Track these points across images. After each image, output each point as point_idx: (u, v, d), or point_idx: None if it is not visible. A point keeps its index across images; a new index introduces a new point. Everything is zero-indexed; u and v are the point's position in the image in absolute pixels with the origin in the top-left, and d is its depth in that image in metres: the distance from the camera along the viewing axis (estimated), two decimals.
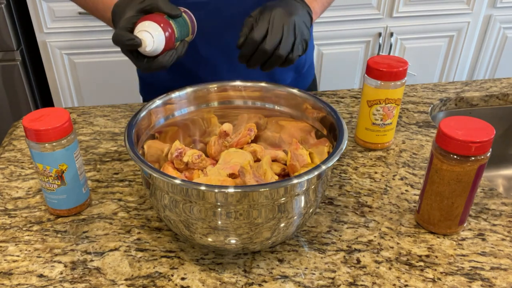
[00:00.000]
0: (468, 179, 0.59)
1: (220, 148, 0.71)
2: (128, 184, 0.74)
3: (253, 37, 0.70)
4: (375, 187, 0.74)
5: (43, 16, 1.75)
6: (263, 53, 0.70)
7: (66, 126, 0.62)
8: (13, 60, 1.78)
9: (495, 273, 0.59)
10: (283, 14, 0.72)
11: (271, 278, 0.58)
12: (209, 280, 0.58)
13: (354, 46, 1.98)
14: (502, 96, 1.01)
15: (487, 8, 2.01)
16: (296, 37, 0.72)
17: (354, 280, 0.58)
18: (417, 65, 2.05)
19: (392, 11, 1.93)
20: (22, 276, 0.58)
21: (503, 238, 0.64)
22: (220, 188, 0.51)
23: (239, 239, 0.56)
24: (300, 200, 0.55)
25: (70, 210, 0.67)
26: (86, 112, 0.95)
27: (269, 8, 0.73)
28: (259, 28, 0.70)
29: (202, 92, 0.72)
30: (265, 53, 0.70)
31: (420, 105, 0.96)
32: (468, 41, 2.06)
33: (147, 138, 0.66)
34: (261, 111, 0.73)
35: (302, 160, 0.66)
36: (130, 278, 0.58)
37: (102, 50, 1.85)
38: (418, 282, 0.58)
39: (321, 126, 0.67)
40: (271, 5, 0.74)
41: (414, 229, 0.66)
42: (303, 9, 0.77)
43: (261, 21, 0.71)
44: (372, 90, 0.77)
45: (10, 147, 0.84)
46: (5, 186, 0.74)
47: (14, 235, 0.65)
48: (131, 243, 0.63)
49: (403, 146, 0.84)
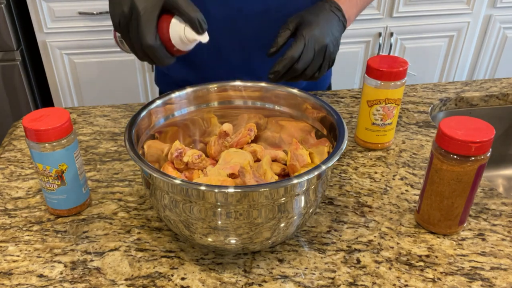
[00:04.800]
0: (468, 179, 0.59)
1: (220, 148, 0.71)
2: (128, 184, 0.74)
3: (293, 56, 0.73)
4: (375, 187, 0.74)
5: (43, 16, 1.75)
6: (293, 72, 0.74)
7: (66, 126, 0.62)
8: (13, 60, 1.78)
9: (495, 273, 0.59)
10: (319, 37, 0.74)
11: (271, 278, 0.58)
12: (209, 280, 0.58)
13: (354, 46, 1.98)
14: (502, 96, 1.01)
15: (487, 8, 2.01)
16: (325, 59, 0.76)
17: (354, 280, 0.58)
18: (417, 65, 2.05)
19: (392, 11, 1.93)
20: (22, 276, 0.58)
21: (503, 238, 0.64)
22: (220, 188, 0.51)
23: (239, 239, 0.56)
24: (300, 200, 0.56)
25: (70, 210, 0.67)
26: (86, 112, 0.95)
27: (307, 25, 0.75)
28: (297, 48, 0.73)
29: (202, 92, 0.72)
30: (295, 72, 0.74)
31: (420, 105, 0.96)
32: (468, 41, 2.06)
33: (147, 138, 0.66)
34: (261, 111, 0.73)
35: (302, 160, 0.66)
36: (130, 278, 0.58)
37: (102, 50, 1.85)
38: (418, 282, 0.58)
39: (321, 126, 0.67)
40: (309, 22, 0.75)
41: (414, 229, 0.66)
42: (339, 23, 0.79)
43: (299, 40, 0.74)
44: (372, 90, 0.77)
45: (10, 147, 0.84)
46: (5, 186, 0.74)
47: (14, 235, 0.65)
48: (131, 243, 0.63)
49: (403, 146, 0.84)
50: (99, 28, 1.80)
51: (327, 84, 1.09)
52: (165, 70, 1.00)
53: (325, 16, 0.77)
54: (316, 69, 0.76)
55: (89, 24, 1.79)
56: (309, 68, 0.75)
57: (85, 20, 1.78)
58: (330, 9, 0.78)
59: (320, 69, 0.76)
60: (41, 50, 1.82)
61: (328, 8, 0.79)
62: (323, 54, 0.75)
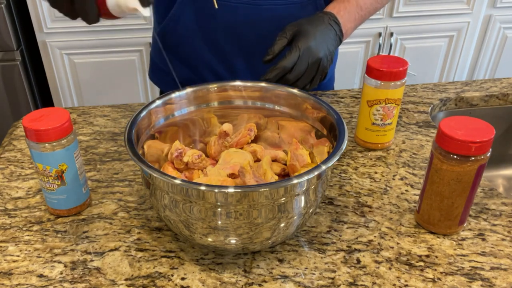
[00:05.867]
0: (468, 179, 0.59)
1: (220, 148, 0.71)
2: (128, 184, 0.74)
3: (285, 67, 0.74)
4: (375, 187, 0.74)
5: (43, 16, 1.75)
6: (284, 81, 0.75)
7: (66, 126, 0.62)
8: (13, 60, 1.78)
9: (495, 273, 0.59)
10: (314, 50, 0.75)
11: (271, 278, 0.58)
12: (209, 280, 0.58)
13: (354, 46, 1.98)
14: (502, 96, 1.01)
15: (487, 8, 2.01)
16: (318, 72, 0.77)
17: (354, 280, 0.58)
18: (417, 65, 2.05)
19: (392, 11, 1.93)
20: (22, 276, 0.58)
21: (503, 238, 0.64)
22: (220, 188, 0.51)
23: (239, 239, 0.56)
24: (300, 200, 0.56)
25: (70, 210, 0.67)
26: (86, 112, 0.95)
27: (304, 36, 0.75)
28: (290, 59, 0.74)
29: (202, 92, 0.72)
30: (287, 81, 0.75)
31: (420, 105, 0.96)
32: (468, 41, 2.06)
33: (147, 138, 0.66)
34: (261, 111, 0.73)
35: (302, 160, 0.66)
36: (130, 278, 0.58)
37: (102, 50, 1.85)
38: (418, 282, 0.58)
39: (321, 126, 0.67)
40: (306, 32, 0.76)
41: (414, 229, 0.66)
42: (335, 37, 0.80)
43: (293, 51, 0.75)
44: (372, 90, 0.77)
45: (10, 147, 0.84)
46: (5, 186, 0.74)
47: (14, 235, 0.65)
48: (131, 243, 0.63)
49: (403, 146, 0.84)
50: (99, 28, 1.80)
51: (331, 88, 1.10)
52: (172, 74, 1.01)
53: (323, 28, 0.77)
54: (307, 82, 0.77)
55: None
56: (300, 80, 0.76)
57: None
58: (328, 22, 0.79)
59: (312, 82, 0.77)
60: (41, 50, 1.82)
61: (327, 21, 0.79)
62: (316, 67, 0.76)
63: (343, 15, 0.82)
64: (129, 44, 1.85)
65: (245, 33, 0.88)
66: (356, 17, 0.85)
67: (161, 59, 1.01)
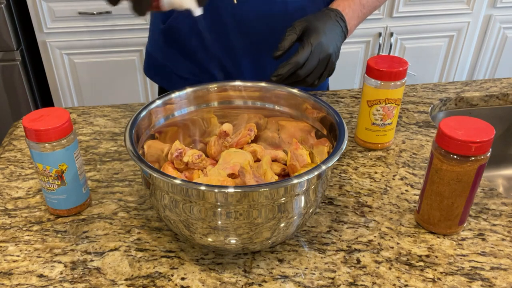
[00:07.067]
0: (468, 179, 0.59)
1: (220, 148, 0.71)
2: (128, 184, 0.74)
3: (298, 62, 0.74)
4: (375, 187, 0.74)
5: (43, 16, 1.75)
6: (295, 77, 0.75)
7: (66, 126, 0.62)
8: (13, 60, 1.78)
9: (495, 273, 0.59)
10: (324, 46, 0.76)
11: (271, 278, 0.58)
12: (209, 280, 0.58)
13: (354, 46, 1.98)
14: (502, 96, 1.01)
15: (487, 8, 2.01)
16: (326, 68, 0.78)
17: (354, 280, 0.58)
18: (417, 65, 2.05)
19: (392, 11, 1.93)
20: (22, 276, 0.58)
21: (503, 238, 0.64)
22: (220, 188, 0.51)
23: (239, 239, 0.56)
24: (300, 200, 0.56)
25: (70, 210, 0.67)
26: (86, 112, 0.95)
27: (314, 32, 0.76)
28: (303, 55, 0.74)
29: (202, 92, 0.72)
30: (297, 77, 0.75)
31: (420, 105, 0.96)
32: (468, 41, 2.06)
33: (147, 138, 0.66)
34: (261, 111, 0.73)
35: (302, 160, 0.66)
36: (130, 278, 0.58)
37: (102, 50, 1.85)
38: (418, 282, 0.58)
39: (321, 126, 0.67)
40: (316, 28, 0.76)
41: (414, 229, 0.66)
42: (342, 33, 0.81)
43: (306, 46, 0.75)
44: (372, 90, 0.77)
45: (10, 147, 0.84)
46: (5, 186, 0.74)
47: (14, 235, 0.65)
48: (131, 243, 0.63)
49: (403, 146, 0.84)
50: (99, 28, 1.80)
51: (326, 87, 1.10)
52: (173, 68, 1.00)
53: (331, 25, 0.78)
54: (316, 77, 0.77)
55: (89, 24, 1.79)
56: (310, 76, 0.76)
57: (85, 20, 1.78)
58: (335, 19, 0.80)
59: (320, 78, 0.78)
60: (41, 50, 1.82)
61: (334, 17, 0.80)
62: (325, 63, 0.77)
63: (348, 13, 0.82)
64: (129, 44, 1.85)
65: (255, 27, 0.89)
66: (359, 15, 0.86)
67: (163, 54, 1.00)
